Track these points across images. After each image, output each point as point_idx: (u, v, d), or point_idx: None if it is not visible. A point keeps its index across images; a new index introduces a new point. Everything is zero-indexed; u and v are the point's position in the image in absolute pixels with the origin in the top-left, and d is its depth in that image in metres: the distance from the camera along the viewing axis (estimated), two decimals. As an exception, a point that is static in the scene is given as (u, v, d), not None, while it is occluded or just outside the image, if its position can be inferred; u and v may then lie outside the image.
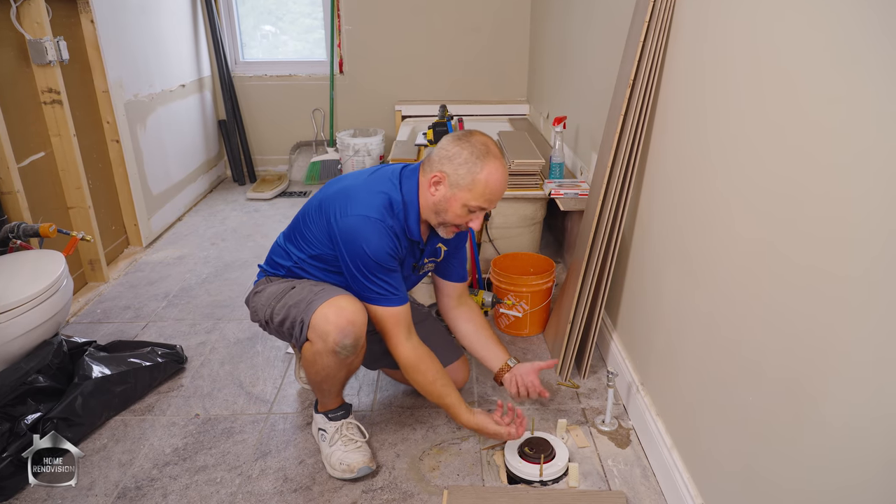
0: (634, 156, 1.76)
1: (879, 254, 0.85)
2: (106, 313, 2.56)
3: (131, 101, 3.15)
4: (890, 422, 0.84)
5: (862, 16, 0.90)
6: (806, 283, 1.02)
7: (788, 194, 1.07)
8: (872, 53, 0.87)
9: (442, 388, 1.65)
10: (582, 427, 1.84)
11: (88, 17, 2.80)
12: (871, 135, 0.87)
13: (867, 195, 0.87)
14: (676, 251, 1.57)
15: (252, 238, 3.38)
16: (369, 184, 1.60)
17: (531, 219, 2.58)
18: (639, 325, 1.87)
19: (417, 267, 1.75)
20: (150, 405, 1.97)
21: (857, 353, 0.90)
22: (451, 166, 1.52)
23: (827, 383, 0.96)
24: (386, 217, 1.54)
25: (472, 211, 1.56)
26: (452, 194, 1.53)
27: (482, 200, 1.53)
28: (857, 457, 0.91)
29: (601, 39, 2.39)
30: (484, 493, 1.59)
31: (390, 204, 1.56)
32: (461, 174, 1.51)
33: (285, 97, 4.33)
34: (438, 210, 1.57)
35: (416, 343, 1.63)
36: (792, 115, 1.06)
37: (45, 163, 2.54)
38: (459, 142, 1.53)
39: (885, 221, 0.84)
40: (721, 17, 1.34)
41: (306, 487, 1.63)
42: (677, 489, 1.50)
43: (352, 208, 1.55)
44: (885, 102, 0.84)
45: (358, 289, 1.59)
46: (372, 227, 1.52)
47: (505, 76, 4.27)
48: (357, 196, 1.57)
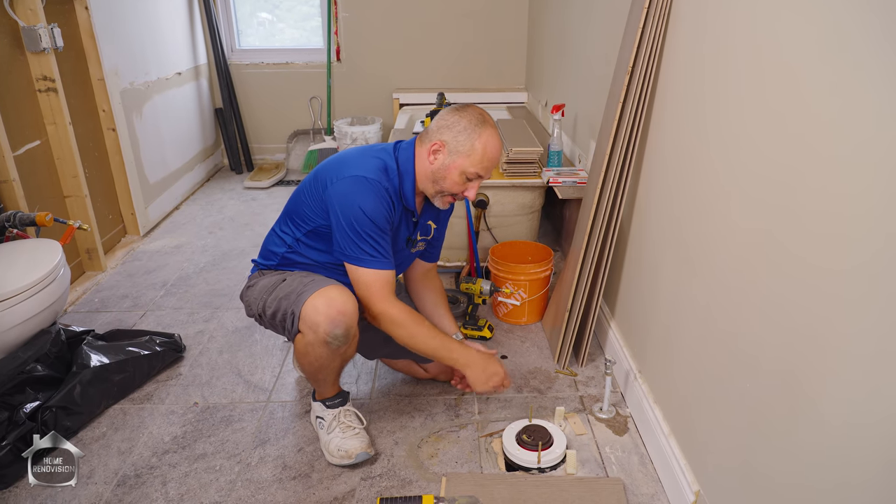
0: (633, 144, 1.76)
1: (880, 247, 0.85)
2: (104, 302, 2.56)
3: (127, 88, 3.13)
4: (887, 416, 0.84)
5: (863, 8, 0.89)
6: (803, 274, 1.02)
7: (787, 184, 1.06)
8: (872, 46, 0.87)
9: (441, 335, 1.66)
10: (580, 414, 1.85)
11: (83, 3, 2.77)
12: (871, 126, 0.86)
13: (867, 187, 0.87)
14: (674, 240, 1.57)
15: (250, 227, 3.37)
16: (364, 151, 1.65)
17: (529, 207, 2.58)
18: (636, 314, 1.87)
19: (412, 242, 1.76)
20: (148, 394, 1.97)
21: (855, 347, 0.90)
22: (450, 134, 1.57)
23: (823, 377, 0.96)
24: (382, 178, 1.57)
25: (470, 179, 1.60)
26: (451, 161, 1.57)
27: (479, 167, 1.58)
28: (853, 448, 0.91)
29: (600, 26, 2.38)
30: (482, 480, 1.60)
31: (385, 168, 1.59)
32: (460, 140, 1.56)
33: (282, 85, 4.30)
34: (437, 178, 1.60)
35: (402, 303, 1.63)
36: (792, 104, 1.05)
37: (41, 151, 2.53)
38: (457, 112, 1.59)
39: (885, 215, 0.84)
40: (721, 4, 1.33)
41: (305, 475, 1.64)
42: (674, 476, 1.51)
43: (347, 171, 1.57)
44: (884, 93, 0.84)
45: (349, 250, 1.57)
46: (368, 186, 1.54)
47: (503, 64, 4.24)
48: (352, 161, 1.61)
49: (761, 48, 1.16)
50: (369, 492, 1.58)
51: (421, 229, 1.77)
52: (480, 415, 1.86)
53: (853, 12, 0.91)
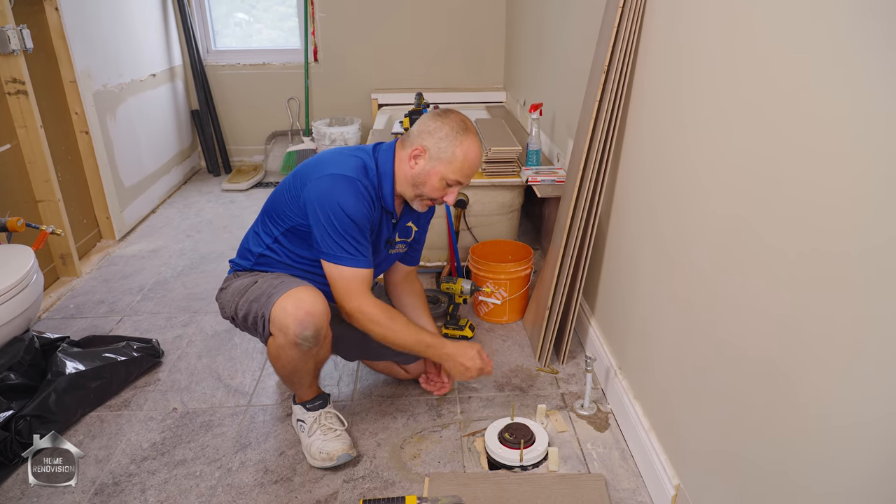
0: (610, 141, 1.77)
1: (856, 236, 0.86)
2: (79, 308, 2.52)
3: (100, 91, 3.08)
4: (865, 402, 0.86)
5: (839, 2, 0.90)
6: (781, 264, 1.03)
7: (764, 174, 1.07)
8: (847, 37, 0.88)
9: (418, 328, 1.68)
10: (561, 412, 1.86)
11: (53, 4, 2.72)
12: (846, 116, 0.88)
13: (844, 177, 0.88)
14: (652, 234, 1.58)
15: (228, 229, 3.34)
16: (343, 151, 1.66)
17: (509, 206, 2.58)
18: (616, 310, 1.88)
19: (391, 243, 1.75)
20: (126, 400, 1.94)
21: (834, 336, 0.91)
22: (431, 140, 1.57)
23: (804, 364, 0.98)
24: (361, 177, 1.57)
25: (450, 185, 1.61)
26: (432, 167, 1.58)
27: (460, 175, 1.59)
28: (832, 438, 0.92)
29: (577, 24, 2.39)
30: (465, 479, 1.60)
31: (364, 167, 1.60)
32: (442, 147, 1.56)
33: (259, 86, 4.26)
34: (417, 182, 1.61)
35: (378, 300, 1.63)
36: (767, 96, 1.06)
37: (12, 155, 2.48)
38: (440, 118, 1.59)
39: (862, 204, 0.85)
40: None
41: (287, 479, 1.63)
42: (655, 470, 1.52)
43: (326, 169, 1.57)
44: (859, 84, 0.85)
45: (327, 247, 1.56)
46: (348, 184, 1.54)
47: (481, 63, 4.25)
48: (332, 160, 1.61)
49: (735, 41, 1.17)
50: (352, 494, 1.58)
51: (400, 231, 1.77)
52: (463, 414, 1.86)
53: (828, 3, 0.92)
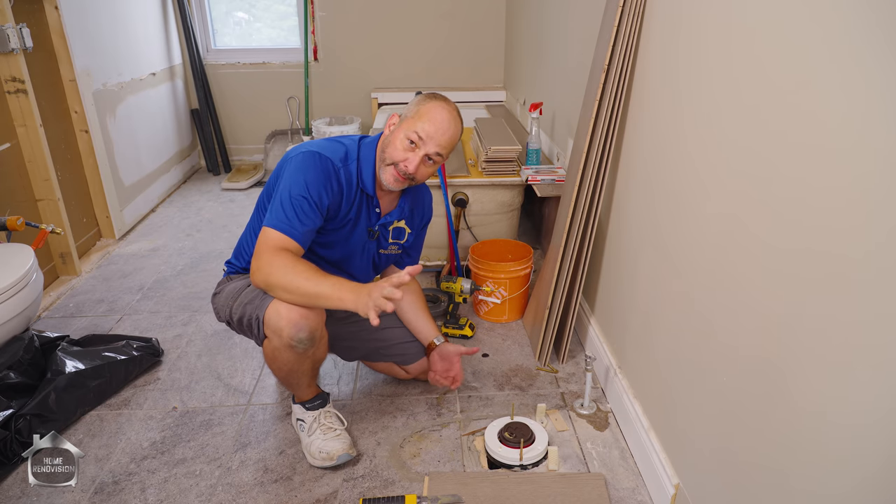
0: (610, 140, 1.77)
1: (852, 235, 0.87)
2: (79, 307, 2.52)
3: (100, 90, 3.08)
4: (860, 399, 0.86)
5: (835, 3, 0.91)
6: (777, 264, 1.03)
7: (762, 175, 1.08)
8: (845, 38, 0.88)
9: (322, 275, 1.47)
10: (561, 411, 1.86)
11: (52, 3, 2.72)
12: (843, 116, 0.88)
13: (840, 177, 0.88)
14: (652, 234, 1.58)
15: (227, 228, 3.34)
16: (329, 138, 1.70)
17: (509, 205, 2.58)
18: (616, 309, 1.88)
19: (373, 233, 1.73)
20: (126, 399, 1.94)
21: (832, 335, 0.91)
22: (406, 108, 1.64)
23: (800, 362, 0.98)
24: (336, 160, 1.60)
25: (413, 142, 1.56)
26: (399, 127, 1.61)
27: (419, 128, 1.55)
28: (830, 437, 0.92)
29: (577, 23, 2.39)
30: (465, 478, 1.60)
31: (346, 154, 1.64)
32: (410, 108, 1.62)
33: (259, 85, 4.26)
34: (384, 146, 1.63)
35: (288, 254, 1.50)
36: (765, 97, 1.07)
37: (11, 154, 2.47)
38: (420, 95, 1.66)
39: (858, 203, 0.85)
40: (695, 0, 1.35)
41: (287, 478, 1.63)
42: (654, 470, 1.52)
43: (304, 147, 1.62)
44: (855, 85, 0.85)
45: (271, 213, 1.53)
46: (317, 161, 1.57)
47: (481, 62, 4.25)
48: (314, 143, 1.65)
49: (735, 41, 1.17)
50: (352, 493, 1.58)
51: (394, 231, 1.77)
52: (462, 413, 1.87)
53: (824, 4, 0.92)
